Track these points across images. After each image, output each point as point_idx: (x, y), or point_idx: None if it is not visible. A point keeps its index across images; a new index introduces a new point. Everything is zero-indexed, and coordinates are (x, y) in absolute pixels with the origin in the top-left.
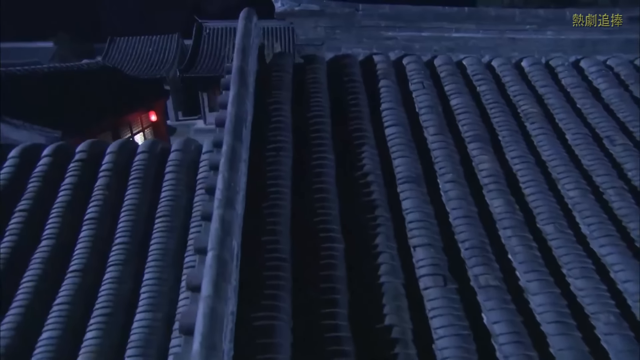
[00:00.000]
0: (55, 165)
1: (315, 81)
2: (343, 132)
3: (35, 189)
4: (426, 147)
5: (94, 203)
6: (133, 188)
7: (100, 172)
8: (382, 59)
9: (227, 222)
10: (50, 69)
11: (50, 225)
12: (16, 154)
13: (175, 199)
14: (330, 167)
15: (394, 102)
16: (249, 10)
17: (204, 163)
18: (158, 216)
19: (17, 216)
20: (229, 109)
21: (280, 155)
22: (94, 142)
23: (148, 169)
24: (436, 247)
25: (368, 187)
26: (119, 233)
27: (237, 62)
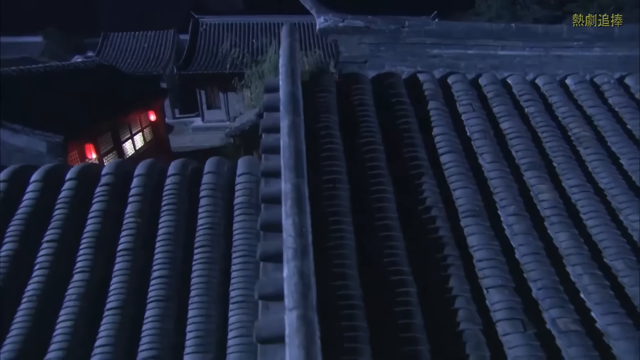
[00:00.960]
0: (80, 189)
1: (363, 103)
2: (398, 160)
3: (62, 217)
4: (482, 176)
5: (127, 232)
6: (167, 215)
7: (130, 197)
8: (428, 77)
9: (306, 275)
10: (46, 68)
11: (82, 257)
12: (39, 177)
13: (213, 227)
14: (391, 200)
15: (446, 126)
16: (291, 27)
17: (241, 187)
18: (197, 246)
19: (45, 247)
20: (287, 141)
21: (338, 188)
22: (119, 164)
23: (181, 193)
24: (509, 288)
25: (433, 223)
26: (157, 266)
27: (287, 86)
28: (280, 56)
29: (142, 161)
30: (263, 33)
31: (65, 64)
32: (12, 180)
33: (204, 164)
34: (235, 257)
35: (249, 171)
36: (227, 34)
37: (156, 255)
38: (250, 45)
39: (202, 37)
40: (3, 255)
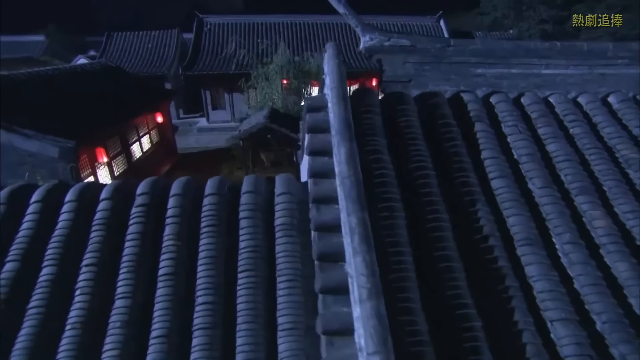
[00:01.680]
0: (116, 209)
1: (410, 125)
2: (450, 186)
3: (99, 240)
4: (533, 201)
5: (167, 256)
6: (207, 237)
7: (167, 219)
8: (472, 97)
9: (384, 317)
10: (54, 70)
11: (123, 282)
12: (73, 197)
13: (256, 250)
14: (447, 229)
15: (495, 149)
16: (336, 47)
17: (281, 207)
18: (241, 270)
19: (85, 271)
20: (346, 171)
21: (395, 217)
22: (154, 182)
23: (219, 213)
24: (574, 322)
25: (491, 253)
26: (201, 291)
27: (341, 111)
28: (328, 78)
29: (177, 180)
30: (267, 33)
31: (72, 66)
32: (11, 200)
33: (241, 183)
34: (280, 281)
35: (288, 191)
36: (231, 34)
37: (199, 280)
38: (254, 45)
39: (206, 37)
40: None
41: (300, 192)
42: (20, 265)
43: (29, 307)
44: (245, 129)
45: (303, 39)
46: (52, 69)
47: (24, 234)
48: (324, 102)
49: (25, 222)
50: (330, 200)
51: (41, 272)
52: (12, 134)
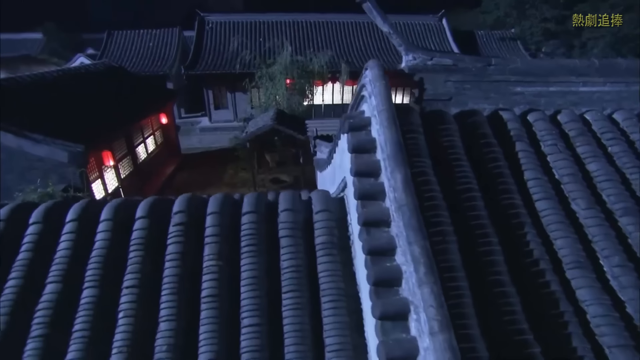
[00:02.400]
0: (152, 228)
1: (453, 145)
2: (497, 208)
3: (138, 260)
4: (578, 222)
5: (210, 276)
6: (249, 257)
7: (206, 238)
8: (511, 116)
9: (456, 350)
10: (59, 72)
11: (166, 304)
12: (109, 216)
13: (298, 269)
14: (499, 252)
15: (537, 170)
16: (380, 66)
17: (320, 225)
18: (286, 290)
19: (127, 293)
20: (404, 199)
21: (448, 241)
22: (190, 199)
23: (259, 232)
24: (631, 348)
25: (543, 277)
26: (247, 313)
27: (393, 135)
28: (375, 100)
29: (213, 197)
30: (269, 31)
31: (77, 68)
32: (10, 220)
33: (277, 199)
34: (325, 301)
35: (326, 208)
36: (233, 33)
37: (243, 302)
38: (257, 44)
39: (208, 36)
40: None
41: (337, 208)
42: (62, 287)
43: (74, 330)
44: (252, 130)
45: (305, 37)
46: (56, 71)
47: (62, 254)
48: (365, 121)
49: (63, 242)
50: (380, 224)
51: (82, 294)
52: (21, 139)
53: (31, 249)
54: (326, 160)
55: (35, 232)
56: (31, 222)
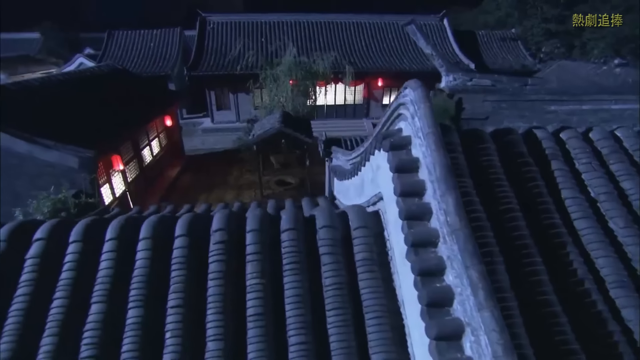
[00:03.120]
0: (192, 246)
1: (492, 165)
2: (538, 227)
3: (182, 279)
4: (616, 241)
5: (254, 294)
6: (291, 274)
7: (248, 256)
8: (545, 135)
9: None
10: (64, 75)
11: (213, 323)
12: (148, 234)
13: (341, 286)
14: (544, 272)
15: (574, 189)
16: (423, 89)
17: (359, 241)
18: (330, 308)
19: (173, 313)
20: (457, 223)
21: (495, 262)
22: (229, 216)
23: (300, 249)
24: None
25: (589, 296)
26: (293, 331)
27: (442, 158)
28: (421, 122)
29: (251, 214)
30: (271, 32)
31: (81, 71)
32: (12, 239)
33: (314, 216)
34: (368, 318)
35: (365, 224)
36: (234, 33)
37: (289, 320)
38: (259, 44)
39: (209, 36)
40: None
41: (374, 224)
42: (107, 307)
43: (122, 350)
44: (259, 133)
45: (307, 38)
46: (62, 74)
47: (104, 274)
48: (405, 140)
49: (104, 261)
50: (428, 244)
51: (128, 314)
52: (32, 145)
53: (73, 268)
54: (349, 170)
55: (76, 250)
56: (71, 240)
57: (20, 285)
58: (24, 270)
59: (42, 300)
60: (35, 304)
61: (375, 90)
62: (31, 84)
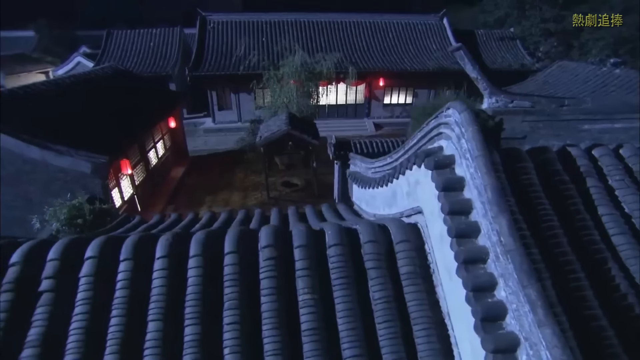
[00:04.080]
0: (242, 262)
1: (531, 184)
2: (579, 244)
3: (236, 296)
4: None
5: (307, 310)
6: (341, 288)
7: (298, 271)
8: (579, 152)
9: None
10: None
11: (270, 339)
12: (199, 252)
13: (389, 300)
14: (588, 287)
15: (609, 205)
16: (470, 112)
17: (403, 255)
18: (380, 321)
19: (230, 330)
20: (512, 243)
21: (542, 278)
22: (276, 232)
23: (347, 264)
24: None
25: (632, 311)
26: (347, 344)
27: (494, 181)
28: (470, 144)
29: (298, 229)
30: (272, 31)
31: (86, 73)
32: (28, 259)
33: (356, 231)
34: (417, 329)
35: (407, 238)
36: (235, 32)
37: (342, 333)
38: (260, 43)
39: (210, 36)
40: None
41: (415, 237)
42: (164, 325)
43: None
44: (266, 135)
45: (308, 37)
46: (68, 77)
47: (157, 292)
48: (450, 159)
49: (156, 279)
50: (478, 261)
51: (185, 332)
52: (45, 151)
53: (127, 286)
54: (375, 179)
55: (127, 268)
56: (122, 258)
57: (77, 304)
58: (80, 289)
59: (100, 319)
60: (94, 323)
61: (377, 90)
62: (39, 88)
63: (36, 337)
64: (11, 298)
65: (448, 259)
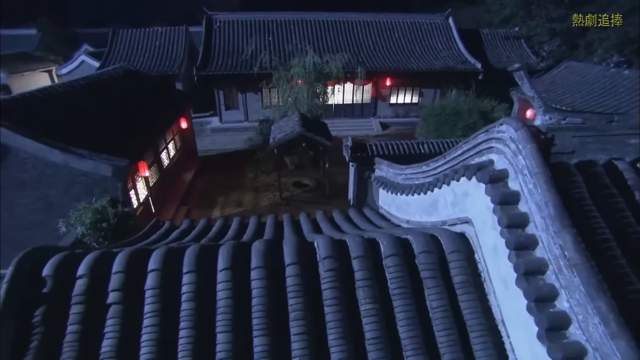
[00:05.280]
0: (303, 274)
1: (582, 197)
2: (632, 256)
3: (300, 307)
4: None
5: (371, 319)
6: (400, 298)
7: (358, 282)
8: (626, 166)
9: None
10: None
11: (337, 348)
12: (261, 264)
13: (447, 308)
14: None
15: None
16: (525, 126)
17: (455, 265)
18: (441, 329)
19: (297, 340)
20: (578, 258)
21: None
22: (334, 244)
23: (405, 274)
24: None
25: None
26: (411, 352)
27: (555, 198)
28: (529, 161)
29: (353, 241)
30: (279, 30)
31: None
32: (93, 271)
33: (408, 241)
34: (473, 337)
35: (459, 248)
36: (241, 32)
37: (405, 342)
38: (266, 42)
39: (216, 35)
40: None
41: (465, 247)
42: (233, 336)
43: None
44: (280, 136)
45: (314, 36)
46: (82, 79)
47: (224, 304)
48: (503, 174)
49: (221, 291)
50: (537, 273)
51: (255, 343)
52: (67, 154)
53: (192, 299)
54: (407, 186)
55: (191, 281)
56: (185, 271)
57: (146, 316)
58: (146, 301)
59: (168, 330)
60: (164, 334)
61: (383, 90)
62: (56, 90)
63: (110, 348)
64: (82, 310)
65: (503, 269)
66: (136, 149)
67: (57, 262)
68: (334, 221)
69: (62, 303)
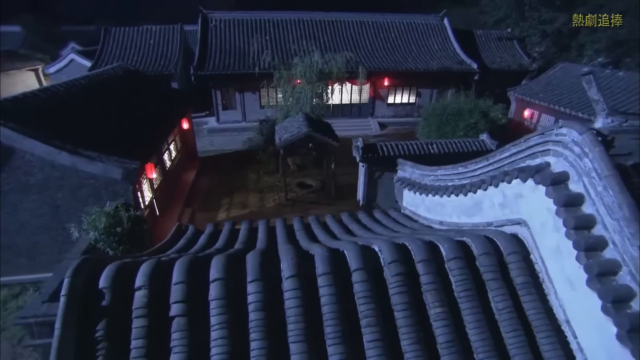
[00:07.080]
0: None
1: None
2: None
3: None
4: None
5: (441, 322)
6: (468, 300)
7: (424, 285)
8: None
9: None
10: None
11: (412, 353)
12: (327, 270)
13: (512, 310)
14: None
15: None
16: (590, 130)
17: (515, 266)
18: (509, 330)
19: (372, 347)
20: None
21: None
22: (397, 248)
23: (469, 277)
24: None
25: None
26: (483, 354)
27: (628, 200)
28: (598, 164)
29: (414, 244)
30: (275, 30)
31: (98, 74)
32: (152, 282)
33: (466, 243)
34: (540, 337)
35: (516, 250)
36: (238, 31)
37: (475, 344)
38: (263, 42)
39: (212, 34)
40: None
41: (521, 248)
42: (307, 346)
43: None
44: (287, 137)
45: (311, 36)
46: (83, 78)
47: (294, 312)
48: (564, 176)
49: (290, 300)
50: (609, 274)
51: (331, 351)
52: (75, 157)
53: (260, 308)
54: (437, 187)
55: (258, 290)
56: (250, 280)
57: (214, 328)
58: (212, 312)
59: (237, 341)
60: (234, 347)
61: (381, 90)
62: (58, 90)
63: None
64: (145, 324)
65: (568, 270)
66: (145, 150)
67: (112, 273)
68: (361, 222)
69: (122, 316)
